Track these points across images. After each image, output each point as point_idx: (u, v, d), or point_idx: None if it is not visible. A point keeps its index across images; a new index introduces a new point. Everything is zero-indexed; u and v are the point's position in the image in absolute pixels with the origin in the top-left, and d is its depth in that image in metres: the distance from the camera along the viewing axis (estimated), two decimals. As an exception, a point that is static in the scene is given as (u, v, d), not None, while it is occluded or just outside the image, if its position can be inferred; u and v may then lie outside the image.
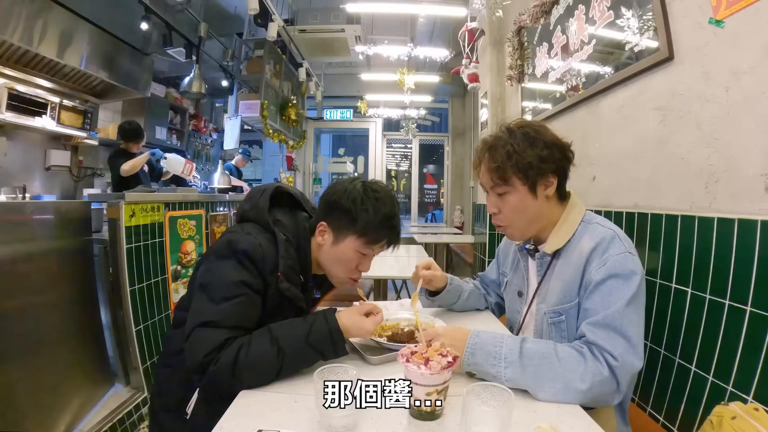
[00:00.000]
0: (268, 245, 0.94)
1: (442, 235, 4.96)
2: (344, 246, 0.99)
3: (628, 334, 0.82)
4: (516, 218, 1.01)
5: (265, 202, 1.00)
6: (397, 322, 1.09)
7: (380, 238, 1.00)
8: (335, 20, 4.21)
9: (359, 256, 1.00)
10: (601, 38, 1.58)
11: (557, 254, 1.02)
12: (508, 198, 1.00)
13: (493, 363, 0.81)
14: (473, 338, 0.85)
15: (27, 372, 1.54)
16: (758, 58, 0.92)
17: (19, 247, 1.57)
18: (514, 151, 0.95)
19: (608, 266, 0.88)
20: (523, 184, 0.97)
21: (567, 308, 0.96)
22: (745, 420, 0.74)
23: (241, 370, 0.80)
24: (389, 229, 1.00)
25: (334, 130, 8.51)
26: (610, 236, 0.93)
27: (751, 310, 0.90)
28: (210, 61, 4.67)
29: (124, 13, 3.59)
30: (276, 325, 0.88)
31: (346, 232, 0.98)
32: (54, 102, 3.45)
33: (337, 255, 1.00)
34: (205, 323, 0.84)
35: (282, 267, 0.93)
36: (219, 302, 0.86)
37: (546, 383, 0.78)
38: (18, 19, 2.68)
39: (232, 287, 0.87)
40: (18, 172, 3.40)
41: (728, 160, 1.01)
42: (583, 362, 0.80)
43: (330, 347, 0.86)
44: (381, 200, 0.99)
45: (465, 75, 3.25)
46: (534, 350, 0.82)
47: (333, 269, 1.03)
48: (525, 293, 1.12)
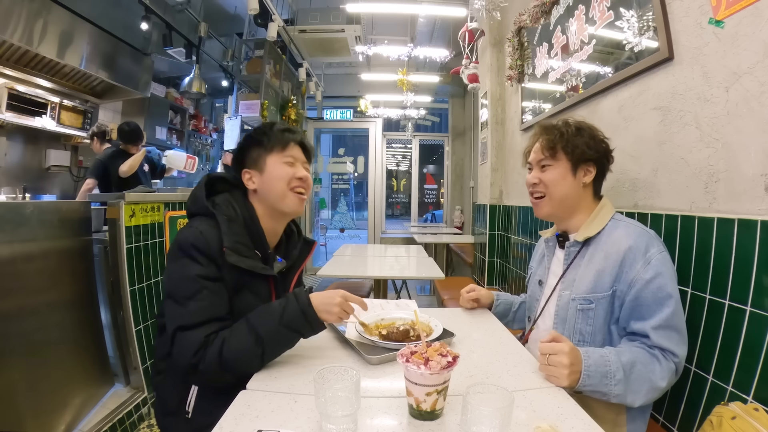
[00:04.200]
0: (209, 229, 0.97)
1: (442, 235, 4.95)
2: (269, 168, 1.07)
3: (681, 329, 0.95)
4: (552, 190, 1.11)
5: (200, 192, 1.05)
6: (393, 321, 1.09)
7: (287, 141, 1.09)
8: (335, 20, 4.21)
9: (287, 165, 1.08)
10: (601, 38, 1.58)
11: (587, 243, 1.09)
12: (550, 170, 1.11)
13: (606, 383, 0.86)
14: (586, 360, 0.86)
15: (27, 372, 1.54)
16: (758, 58, 0.92)
17: (19, 247, 1.57)
18: (567, 134, 1.10)
19: (653, 265, 0.96)
20: (568, 160, 1.09)
21: (599, 297, 1.02)
22: (745, 420, 0.74)
23: (228, 363, 0.86)
24: (288, 132, 1.11)
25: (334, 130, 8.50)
26: (647, 236, 1.01)
27: (751, 310, 0.90)
28: (210, 61, 4.67)
29: (124, 13, 3.59)
30: (253, 314, 0.92)
31: (262, 158, 1.08)
32: (54, 102, 3.45)
33: (270, 178, 1.07)
34: (181, 327, 0.89)
35: (226, 242, 0.96)
36: (185, 303, 0.91)
37: (640, 389, 0.88)
38: (18, 19, 2.67)
39: (190, 284, 0.92)
40: (18, 172, 3.40)
41: (728, 160, 1.01)
42: (658, 362, 0.91)
43: (305, 325, 0.90)
44: (269, 124, 1.13)
45: (465, 75, 3.25)
46: (626, 362, 0.89)
47: (274, 191, 1.07)
48: (545, 283, 1.19)
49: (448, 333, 1.05)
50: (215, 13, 4.46)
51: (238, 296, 0.99)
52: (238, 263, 0.96)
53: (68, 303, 1.80)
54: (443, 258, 4.79)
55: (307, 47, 4.75)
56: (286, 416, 0.71)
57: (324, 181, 7.12)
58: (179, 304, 0.91)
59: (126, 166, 3.04)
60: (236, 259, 0.96)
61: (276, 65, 4.61)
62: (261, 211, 1.09)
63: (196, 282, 0.92)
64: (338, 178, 7.76)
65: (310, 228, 6.28)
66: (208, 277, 0.93)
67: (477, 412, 0.60)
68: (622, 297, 0.99)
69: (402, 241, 6.22)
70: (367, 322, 1.07)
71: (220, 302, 0.94)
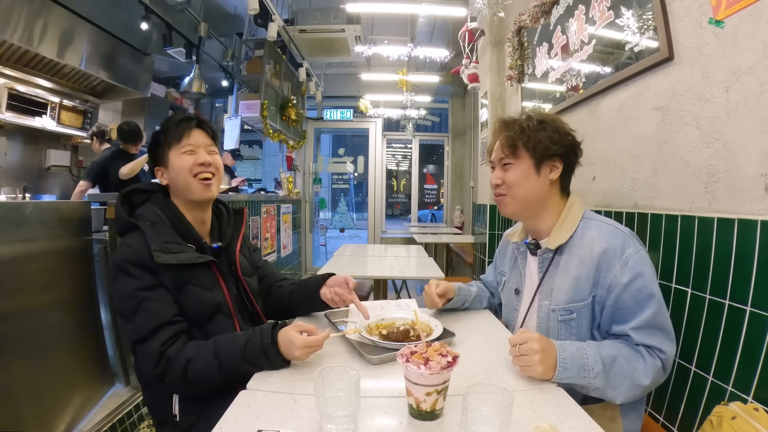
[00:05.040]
0: (135, 241, 1.00)
1: (442, 235, 4.95)
2: (172, 162, 1.10)
3: (666, 327, 0.91)
4: (516, 191, 1.05)
5: (119, 212, 1.07)
6: (393, 321, 1.09)
7: (182, 130, 1.11)
8: (335, 20, 4.21)
9: (185, 157, 1.09)
10: (601, 38, 1.58)
11: (560, 250, 1.03)
12: (512, 170, 1.05)
13: (584, 375, 0.84)
14: (561, 352, 0.84)
15: (27, 372, 1.54)
16: (758, 58, 0.92)
17: (19, 247, 1.57)
18: (528, 128, 1.02)
19: (630, 266, 0.92)
20: (530, 158, 1.03)
21: (579, 307, 0.98)
22: (745, 420, 0.74)
23: (191, 381, 0.91)
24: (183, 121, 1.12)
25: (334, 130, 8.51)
26: (622, 236, 0.96)
27: (751, 310, 0.90)
28: (210, 61, 4.67)
29: (124, 13, 3.59)
30: (221, 339, 0.95)
31: (165, 154, 1.10)
32: (54, 102, 3.45)
33: (175, 172, 1.09)
34: (136, 341, 0.94)
35: (153, 246, 0.98)
36: (132, 318, 0.95)
37: (621, 384, 0.85)
38: (18, 19, 2.67)
39: (131, 299, 0.96)
40: (18, 172, 3.40)
41: (728, 160, 1.01)
42: (642, 359, 0.88)
43: (266, 362, 0.90)
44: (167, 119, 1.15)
45: (465, 75, 3.25)
46: (607, 355, 0.86)
47: (180, 183, 1.10)
48: (522, 291, 1.14)
49: (448, 333, 1.05)
50: (215, 13, 4.46)
51: (184, 292, 1.01)
52: (169, 261, 0.98)
53: (68, 303, 1.80)
54: (443, 258, 4.79)
55: (307, 47, 4.75)
56: (286, 416, 0.71)
57: (324, 181, 7.12)
58: (128, 320, 0.95)
59: (126, 169, 3.04)
60: (166, 257, 0.98)
61: (276, 65, 4.61)
62: (180, 205, 1.12)
63: (135, 296, 0.95)
64: (338, 178, 7.76)
65: (310, 228, 6.28)
66: (144, 287, 0.96)
67: (477, 412, 0.60)
68: (602, 302, 0.95)
69: (402, 241, 6.22)
70: (367, 322, 1.07)
71: (163, 307, 0.97)
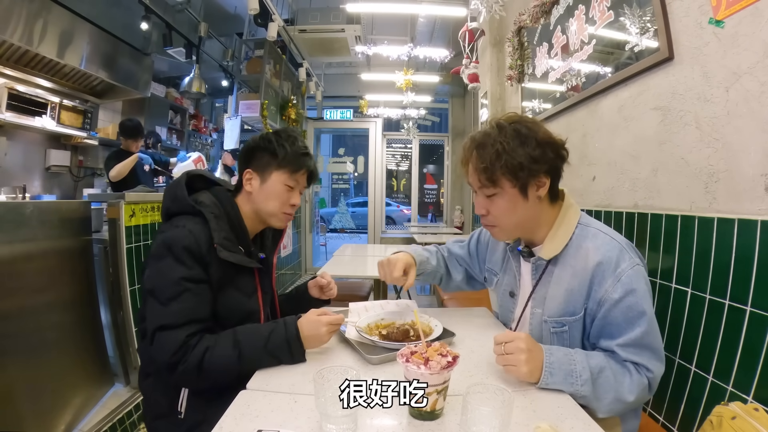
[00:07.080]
0: (198, 228, 0.98)
1: (442, 235, 4.95)
2: (271, 181, 1.07)
3: (655, 346, 0.87)
4: (505, 220, 0.97)
5: (182, 192, 1.04)
6: (393, 321, 1.09)
7: (300, 166, 1.09)
8: (335, 20, 4.21)
9: (287, 189, 1.08)
10: (601, 38, 1.58)
11: (554, 260, 0.97)
12: (497, 200, 0.94)
13: (572, 382, 0.81)
14: (548, 357, 0.82)
15: (27, 372, 1.54)
16: (758, 58, 0.92)
17: (19, 247, 1.57)
18: (504, 151, 0.88)
19: (623, 282, 0.86)
20: (513, 186, 0.91)
21: (571, 321, 0.94)
22: (745, 420, 0.74)
23: (207, 371, 0.89)
24: (305, 157, 1.10)
25: (334, 130, 8.51)
26: (618, 249, 0.90)
27: (751, 310, 0.90)
28: (210, 61, 4.67)
29: (124, 13, 3.59)
30: (242, 329, 0.94)
31: (270, 168, 1.07)
32: (54, 102, 3.45)
33: (267, 192, 1.08)
34: (162, 327, 0.90)
35: (217, 239, 0.98)
36: (167, 303, 0.92)
37: (604, 397, 0.82)
38: (18, 19, 2.67)
39: (175, 286, 0.93)
40: (18, 172, 3.40)
41: (728, 160, 1.01)
42: (629, 374, 0.84)
43: (287, 355, 0.91)
44: (292, 137, 1.10)
45: (465, 75, 3.25)
46: (595, 365, 0.83)
47: (267, 206, 1.08)
48: (517, 294, 1.09)
49: (448, 333, 1.05)
50: (215, 13, 4.46)
51: (223, 293, 1.01)
52: (228, 258, 0.98)
53: (68, 303, 1.80)
54: (443, 258, 4.77)
55: (307, 47, 4.75)
56: (286, 416, 0.71)
57: (324, 181, 7.12)
58: (162, 304, 0.92)
59: (114, 171, 3.02)
60: (226, 254, 0.98)
61: (276, 65, 4.60)
62: (247, 211, 1.10)
63: (180, 284, 0.93)
64: (338, 177, 7.76)
65: (310, 228, 6.28)
66: (192, 279, 0.94)
67: (477, 412, 0.60)
68: (592, 314, 0.91)
69: (402, 241, 6.22)
70: (367, 322, 1.08)
71: (202, 305, 0.96)
